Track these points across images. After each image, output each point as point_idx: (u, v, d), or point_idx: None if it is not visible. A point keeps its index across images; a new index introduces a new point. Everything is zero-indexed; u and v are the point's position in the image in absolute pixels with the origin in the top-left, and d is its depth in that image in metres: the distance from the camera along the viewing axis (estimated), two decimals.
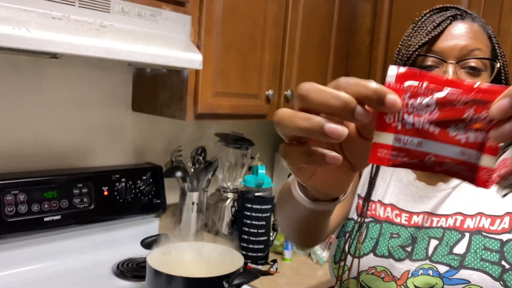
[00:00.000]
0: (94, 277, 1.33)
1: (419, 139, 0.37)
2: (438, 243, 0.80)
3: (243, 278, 1.09)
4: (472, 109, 0.36)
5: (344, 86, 0.37)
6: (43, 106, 1.40)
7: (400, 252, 0.82)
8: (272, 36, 1.57)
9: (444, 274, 0.77)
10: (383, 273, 0.82)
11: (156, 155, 1.69)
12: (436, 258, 0.79)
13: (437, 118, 0.36)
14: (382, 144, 0.37)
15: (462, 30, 0.81)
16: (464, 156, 0.37)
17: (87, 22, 1.06)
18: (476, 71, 0.79)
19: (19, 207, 1.25)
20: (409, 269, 0.80)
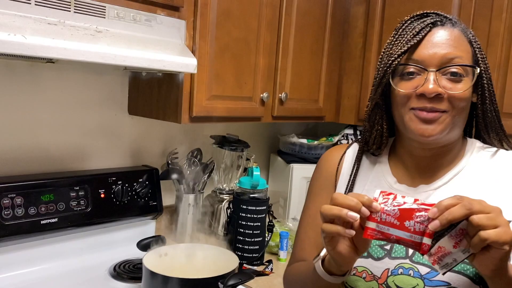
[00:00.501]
0: (91, 279, 1.34)
1: (388, 227, 0.69)
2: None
3: (238, 279, 1.11)
4: (418, 213, 0.67)
5: (353, 199, 0.71)
6: (39, 110, 1.41)
7: (378, 251, 0.85)
8: (266, 39, 1.59)
9: (425, 276, 0.79)
10: (364, 273, 0.84)
11: (152, 158, 1.71)
12: (417, 259, 0.81)
13: (397, 217, 0.69)
14: (370, 227, 0.70)
15: (442, 38, 0.83)
16: (412, 238, 0.68)
17: (82, 28, 1.08)
18: (458, 76, 0.82)
19: (16, 210, 1.26)
20: (389, 267, 0.83)
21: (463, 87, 0.81)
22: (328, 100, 1.91)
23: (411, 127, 0.83)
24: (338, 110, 1.96)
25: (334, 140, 2.04)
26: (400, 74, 0.85)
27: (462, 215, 0.63)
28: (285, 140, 2.05)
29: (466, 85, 0.82)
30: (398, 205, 0.69)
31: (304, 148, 2.00)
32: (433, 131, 0.81)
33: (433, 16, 0.86)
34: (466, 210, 0.63)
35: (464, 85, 0.82)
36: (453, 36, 0.83)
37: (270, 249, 1.64)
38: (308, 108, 1.84)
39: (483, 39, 1.50)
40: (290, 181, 1.94)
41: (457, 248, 0.66)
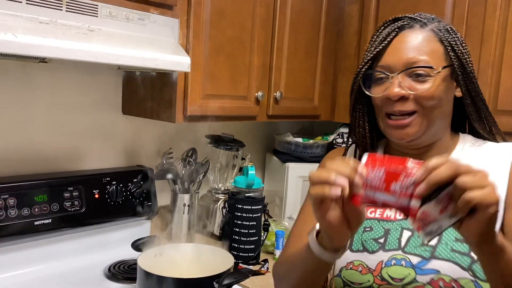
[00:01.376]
0: (85, 279, 1.33)
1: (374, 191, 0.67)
2: (410, 234, 0.85)
3: (233, 278, 1.10)
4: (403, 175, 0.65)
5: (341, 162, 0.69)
6: (32, 110, 1.40)
7: (373, 245, 0.87)
8: (260, 38, 1.59)
9: (417, 265, 0.81)
10: (360, 267, 0.86)
11: (147, 158, 1.70)
12: (409, 249, 0.83)
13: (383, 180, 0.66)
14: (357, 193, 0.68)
15: (406, 42, 0.86)
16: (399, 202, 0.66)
17: (74, 26, 1.07)
18: (423, 77, 0.84)
19: (9, 211, 1.25)
20: (382, 259, 0.84)
21: (428, 87, 0.84)
22: (323, 99, 1.91)
23: (388, 133, 0.89)
24: (334, 108, 1.95)
25: (330, 139, 2.04)
26: (374, 80, 0.89)
27: (448, 176, 0.62)
28: (280, 139, 2.04)
29: (432, 84, 0.83)
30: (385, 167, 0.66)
31: (300, 147, 2.00)
32: (407, 135, 0.85)
33: (405, 19, 0.88)
34: (453, 171, 0.62)
35: (430, 84, 0.84)
36: (419, 39, 0.86)
37: (266, 248, 1.63)
38: (303, 107, 1.84)
39: (477, 37, 1.50)
40: (285, 180, 1.94)
41: (443, 214, 0.64)
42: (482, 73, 1.50)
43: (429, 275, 0.80)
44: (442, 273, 0.79)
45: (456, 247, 0.80)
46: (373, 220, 0.90)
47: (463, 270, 0.78)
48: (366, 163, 0.68)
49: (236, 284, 1.13)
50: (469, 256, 0.79)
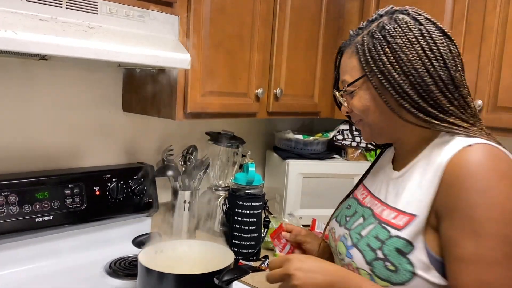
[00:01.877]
0: (87, 276, 1.34)
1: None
2: (362, 221, 0.95)
3: (233, 274, 1.10)
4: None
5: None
6: (33, 108, 1.41)
7: (343, 220, 1.02)
8: (260, 35, 1.59)
9: (348, 247, 0.94)
10: (333, 234, 1.05)
11: (147, 155, 1.71)
12: (352, 232, 0.95)
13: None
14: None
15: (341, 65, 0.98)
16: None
17: (74, 24, 1.07)
18: (352, 94, 0.94)
19: (10, 208, 1.26)
20: (340, 233, 1.00)
21: (356, 100, 0.93)
22: (324, 96, 1.91)
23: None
24: (334, 105, 1.95)
25: (330, 136, 2.05)
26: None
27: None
28: (280, 136, 2.04)
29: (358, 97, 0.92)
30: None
31: (300, 144, 2.00)
32: (363, 136, 0.99)
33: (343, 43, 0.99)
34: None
35: (357, 98, 0.92)
36: (345, 59, 0.96)
37: (266, 245, 1.64)
38: (304, 103, 1.84)
39: (477, 34, 1.50)
40: (286, 177, 1.94)
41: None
42: (482, 70, 1.50)
43: (349, 259, 0.92)
44: (353, 260, 0.91)
45: (371, 243, 0.88)
46: (355, 200, 1.04)
47: (365, 263, 0.87)
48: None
49: (236, 280, 1.13)
50: (374, 253, 0.86)
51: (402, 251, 0.82)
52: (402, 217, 0.84)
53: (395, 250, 0.83)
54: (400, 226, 0.84)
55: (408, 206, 0.85)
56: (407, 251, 0.82)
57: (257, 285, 1.35)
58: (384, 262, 0.84)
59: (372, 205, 0.95)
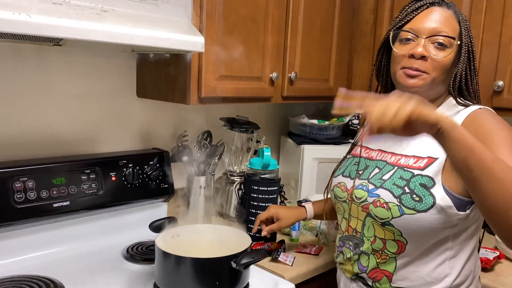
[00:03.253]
0: (104, 261, 1.35)
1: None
2: (378, 171, 1.14)
3: (251, 258, 1.10)
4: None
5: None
6: (49, 94, 1.41)
7: (353, 173, 1.20)
8: (274, 18, 1.56)
9: (370, 190, 1.12)
10: (342, 187, 1.21)
11: (163, 140, 1.70)
12: (372, 180, 1.14)
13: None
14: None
15: (435, 15, 1.08)
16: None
17: (87, 7, 1.06)
18: (442, 46, 1.07)
19: (28, 193, 1.27)
20: (355, 184, 1.17)
21: (444, 54, 1.07)
22: (339, 79, 1.88)
23: (400, 81, 1.10)
24: (349, 89, 1.91)
25: (346, 120, 2.02)
26: (399, 39, 1.12)
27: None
28: (295, 121, 2.02)
29: (447, 53, 1.07)
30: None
31: (315, 129, 1.98)
32: (415, 84, 1.08)
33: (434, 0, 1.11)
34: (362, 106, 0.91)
35: (446, 53, 1.07)
36: (445, 15, 1.08)
37: (282, 230, 1.63)
38: (319, 87, 1.81)
39: (499, 11, 1.46)
40: (301, 162, 1.92)
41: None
42: (503, 49, 1.46)
43: (373, 198, 1.10)
44: (381, 197, 1.09)
45: (397, 182, 1.07)
46: (361, 158, 1.21)
47: (393, 197, 1.06)
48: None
49: (253, 264, 1.13)
50: (402, 189, 1.05)
51: (426, 186, 1.03)
52: (422, 161, 1.06)
53: (419, 185, 1.03)
54: (421, 167, 1.05)
55: (426, 151, 1.06)
56: (430, 185, 1.03)
57: (274, 269, 1.35)
58: (411, 195, 1.04)
59: (384, 158, 1.15)
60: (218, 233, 1.29)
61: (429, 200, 1.02)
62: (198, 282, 1.08)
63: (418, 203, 1.03)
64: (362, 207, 1.13)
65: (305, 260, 1.43)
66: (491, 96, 1.48)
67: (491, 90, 1.48)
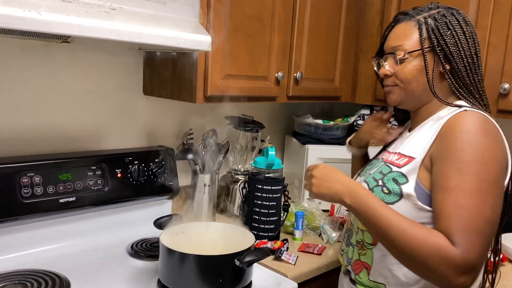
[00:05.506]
0: (109, 257, 1.36)
1: None
2: (370, 167, 1.20)
3: (254, 256, 1.11)
4: None
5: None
6: (56, 91, 1.42)
7: (365, 173, 1.21)
8: (281, 17, 1.57)
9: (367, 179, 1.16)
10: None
11: (168, 138, 1.71)
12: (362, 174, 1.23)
13: None
14: None
15: (393, 33, 1.13)
16: None
17: (96, 5, 1.07)
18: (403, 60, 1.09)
19: (35, 189, 1.28)
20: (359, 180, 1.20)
21: (403, 67, 1.09)
22: (344, 80, 1.88)
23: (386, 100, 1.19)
24: (355, 90, 1.93)
25: (350, 121, 2.02)
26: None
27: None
28: (300, 121, 2.03)
29: (406, 65, 1.09)
30: None
31: (320, 129, 1.98)
32: (391, 98, 1.15)
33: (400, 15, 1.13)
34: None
35: (405, 65, 1.09)
36: (403, 28, 1.10)
37: (286, 229, 1.64)
38: (324, 88, 1.82)
39: (506, 13, 1.46)
40: (305, 162, 1.93)
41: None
42: (509, 52, 1.46)
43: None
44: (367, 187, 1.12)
45: (376, 176, 1.11)
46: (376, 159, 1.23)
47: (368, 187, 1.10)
48: None
49: (256, 262, 1.14)
50: (376, 181, 1.09)
51: (398, 181, 1.05)
52: (403, 159, 1.08)
53: (392, 179, 1.06)
54: (400, 165, 1.07)
55: (409, 151, 1.08)
56: (402, 182, 1.04)
57: (277, 267, 1.35)
58: (382, 187, 1.07)
59: (385, 157, 1.17)
60: (222, 231, 1.30)
61: (396, 193, 1.03)
62: (201, 279, 1.09)
63: (386, 195, 1.04)
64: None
65: (308, 259, 1.44)
66: (496, 99, 1.48)
67: (497, 93, 1.48)
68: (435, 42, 1.06)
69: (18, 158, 1.30)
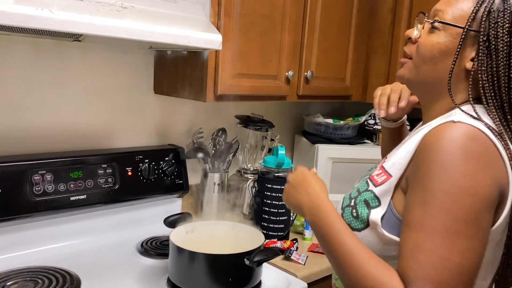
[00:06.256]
0: (119, 254, 1.37)
1: None
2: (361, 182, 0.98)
3: (264, 255, 1.11)
4: None
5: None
6: (67, 89, 1.43)
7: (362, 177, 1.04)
8: (291, 16, 1.56)
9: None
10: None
11: (178, 137, 1.72)
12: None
13: None
14: None
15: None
16: None
17: (108, 4, 1.07)
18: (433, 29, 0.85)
19: (47, 186, 1.29)
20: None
21: (431, 38, 0.85)
22: (355, 79, 1.87)
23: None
24: (366, 89, 1.91)
25: (361, 120, 2.01)
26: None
27: None
28: (310, 120, 2.02)
29: (435, 37, 0.85)
30: None
31: (330, 129, 1.98)
32: (399, 73, 0.92)
33: None
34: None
35: (434, 37, 0.85)
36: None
37: (295, 229, 1.63)
38: (335, 87, 1.81)
39: None
40: (315, 161, 1.92)
41: None
42: None
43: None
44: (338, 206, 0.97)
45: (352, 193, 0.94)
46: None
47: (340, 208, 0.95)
48: None
49: (266, 261, 1.13)
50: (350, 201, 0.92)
51: (369, 204, 0.87)
52: (382, 175, 0.88)
53: (363, 201, 0.88)
54: (377, 183, 0.88)
55: (390, 165, 0.87)
56: (373, 205, 0.86)
57: (286, 267, 1.35)
58: (352, 209, 0.90)
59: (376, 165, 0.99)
60: (232, 230, 1.30)
61: (363, 219, 0.86)
62: (211, 277, 1.09)
63: (354, 219, 0.89)
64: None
65: (317, 259, 1.43)
66: None
67: None
68: (486, 29, 0.80)
69: (29, 156, 1.31)
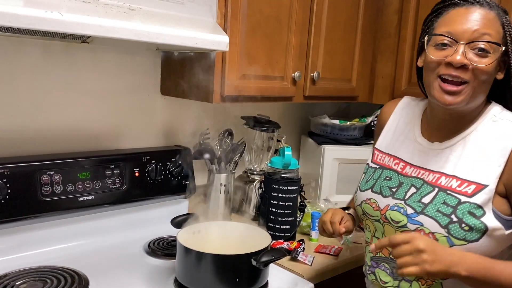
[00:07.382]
0: (126, 255, 1.37)
1: None
2: (415, 191, 1.03)
3: (271, 256, 1.11)
4: None
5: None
6: (75, 90, 1.44)
7: (387, 191, 1.08)
8: (298, 17, 1.56)
9: (409, 215, 1.01)
10: (373, 204, 1.10)
11: (185, 138, 1.72)
12: (409, 202, 1.02)
13: None
14: None
15: (477, 16, 0.94)
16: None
17: (116, 6, 1.08)
18: (484, 52, 0.94)
19: (55, 187, 1.30)
20: (389, 203, 1.06)
21: (487, 62, 0.94)
22: (362, 80, 1.87)
23: (436, 95, 0.98)
24: (372, 90, 1.91)
25: (368, 121, 2.01)
26: (435, 44, 0.98)
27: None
28: (316, 121, 2.02)
29: (490, 60, 0.94)
30: None
31: (336, 129, 1.97)
32: (454, 101, 0.95)
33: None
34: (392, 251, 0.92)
35: (489, 60, 0.94)
36: (488, 17, 0.95)
37: (302, 229, 1.63)
38: (341, 87, 1.81)
39: None
40: (321, 162, 1.92)
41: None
42: None
43: (415, 225, 0.99)
44: (424, 226, 0.97)
45: (442, 209, 0.96)
46: (394, 171, 1.10)
47: (440, 227, 0.95)
48: None
49: (272, 262, 1.14)
50: (449, 217, 0.95)
51: (475, 215, 0.93)
52: (468, 186, 0.95)
53: (468, 213, 0.93)
54: (468, 194, 0.95)
55: (472, 175, 0.96)
56: (479, 214, 0.93)
57: (293, 268, 1.35)
58: (459, 224, 0.93)
59: (421, 175, 1.04)
60: (238, 230, 1.30)
61: (480, 229, 0.93)
62: (218, 278, 1.09)
63: (468, 232, 0.93)
64: (402, 232, 1.00)
65: (324, 260, 1.43)
66: None
67: None
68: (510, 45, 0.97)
69: (38, 156, 1.33)
